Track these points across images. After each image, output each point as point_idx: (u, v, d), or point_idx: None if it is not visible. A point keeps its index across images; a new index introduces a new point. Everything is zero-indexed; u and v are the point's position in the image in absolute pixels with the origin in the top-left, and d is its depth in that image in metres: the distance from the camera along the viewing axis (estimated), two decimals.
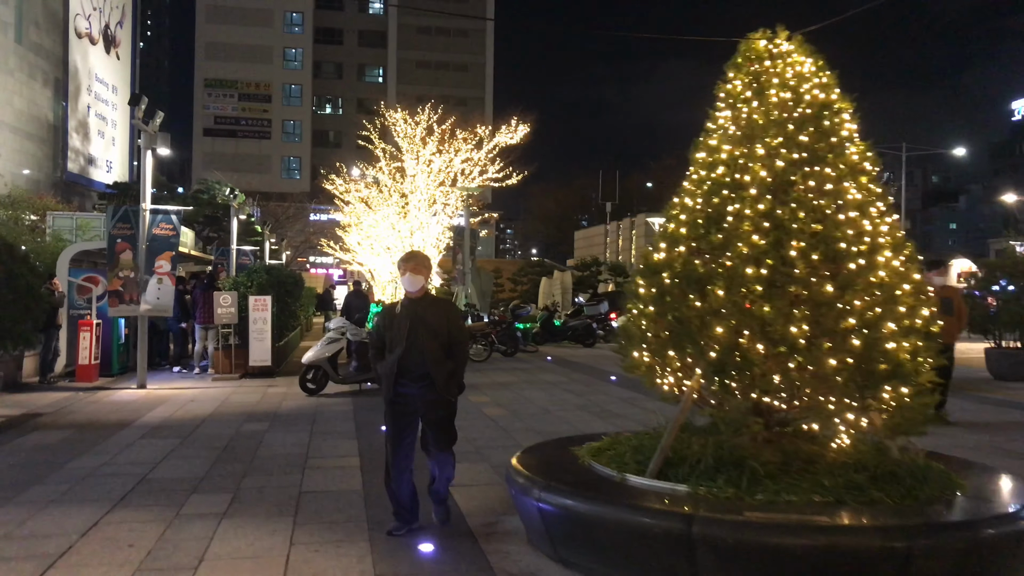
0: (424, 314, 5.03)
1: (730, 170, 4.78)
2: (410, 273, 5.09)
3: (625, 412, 10.37)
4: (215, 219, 36.81)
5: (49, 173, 35.22)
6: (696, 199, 4.89)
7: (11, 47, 32.35)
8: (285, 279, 15.79)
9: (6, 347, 10.22)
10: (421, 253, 5.53)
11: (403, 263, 5.16)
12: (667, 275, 4.78)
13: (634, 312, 5.07)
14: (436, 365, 4.97)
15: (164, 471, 6.94)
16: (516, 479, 4.89)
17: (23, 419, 9.68)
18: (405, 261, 5.17)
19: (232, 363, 14.15)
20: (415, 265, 5.12)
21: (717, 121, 5.07)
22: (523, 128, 23.17)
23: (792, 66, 4.92)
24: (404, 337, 4.96)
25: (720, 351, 4.45)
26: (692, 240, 4.77)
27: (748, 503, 4.14)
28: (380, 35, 71.36)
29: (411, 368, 4.97)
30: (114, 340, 14.18)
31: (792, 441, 4.69)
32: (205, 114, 65.45)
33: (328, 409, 10.67)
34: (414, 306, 5.07)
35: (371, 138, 25.93)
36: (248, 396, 11.86)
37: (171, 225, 13.21)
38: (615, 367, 16.22)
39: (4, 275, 9.89)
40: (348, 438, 8.56)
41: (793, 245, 4.44)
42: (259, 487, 6.38)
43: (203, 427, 9.18)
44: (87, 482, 6.53)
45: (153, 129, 13.15)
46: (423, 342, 4.95)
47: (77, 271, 14.40)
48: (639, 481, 4.58)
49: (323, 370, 12.04)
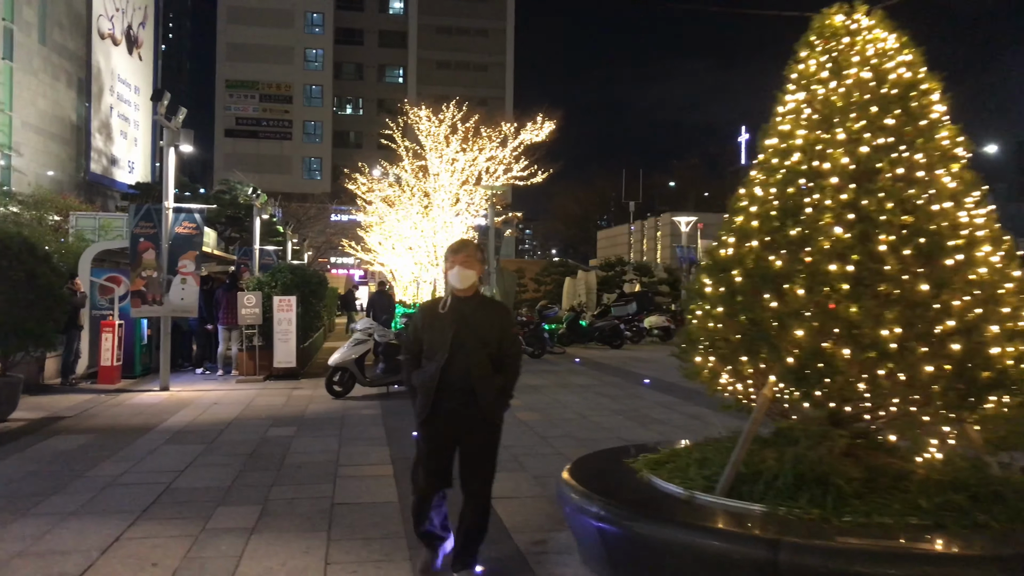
0: (472, 317, 4.18)
1: (806, 157, 4.36)
2: (459, 267, 4.21)
3: (666, 418, 9.93)
4: (237, 219, 36.69)
5: (72, 174, 35.28)
6: (768, 189, 4.47)
7: (35, 48, 32.41)
8: (310, 279, 15.48)
9: (27, 349, 9.95)
10: (472, 242, 4.57)
11: (451, 254, 4.29)
12: (737, 272, 4.36)
13: (698, 313, 4.65)
14: (482, 380, 4.13)
15: (189, 480, 6.60)
16: (570, 495, 4.49)
17: (44, 423, 9.40)
18: (454, 252, 4.29)
19: (256, 365, 13.84)
20: (466, 257, 4.24)
21: (787, 105, 4.65)
22: (549, 125, 22.75)
23: (873, 43, 4.48)
24: (448, 343, 4.10)
25: (800, 356, 4.03)
26: (765, 234, 4.35)
27: (836, 526, 3.72)
28: (400, 35, 71.22)
29: (452, 381, 4.11)
30: (136, 341, 13.93)
31: (876, 455, 4.26)
32: (226, 115, 65.61)
33: (356, 413, 10.31)
34: (461, 307, 4.21)
35: (394, 137, 25.63)
36: (273, 399, 11.54)
37: (194, 224, 12.92)
38: (647, 369, 15.88)
39: (25, 275, 9.63)
40: (379, 444, 8.20)
41: (881, 239, 4.01)
42: (289, 498, 6.02)
43: (228, 432, 8.85)
44: (109, 492, 6.20)
45: (176, 126, 12.87)
46: (469, 351, 4.12)
47: (99, 271, 14.15)
48: (709, 499, 4.16)
49: (350, 372, 11.70)
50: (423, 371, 4.21)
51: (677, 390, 12.43)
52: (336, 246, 50.12)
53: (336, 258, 57.38)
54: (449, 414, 4.15)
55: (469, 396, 4.12)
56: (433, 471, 4.24)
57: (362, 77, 71.60)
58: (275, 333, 13.72)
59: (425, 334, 4.26)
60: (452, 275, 4.27)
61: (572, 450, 7.76)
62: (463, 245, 4.40)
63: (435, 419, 4.17)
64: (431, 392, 4.13)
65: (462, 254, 4.27)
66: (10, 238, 9.83)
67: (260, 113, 66.27)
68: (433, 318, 4.27)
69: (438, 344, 4.16)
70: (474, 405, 4.13)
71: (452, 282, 4.29)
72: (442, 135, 23.46)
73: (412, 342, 4.36)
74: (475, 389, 4.12)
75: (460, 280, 4.25)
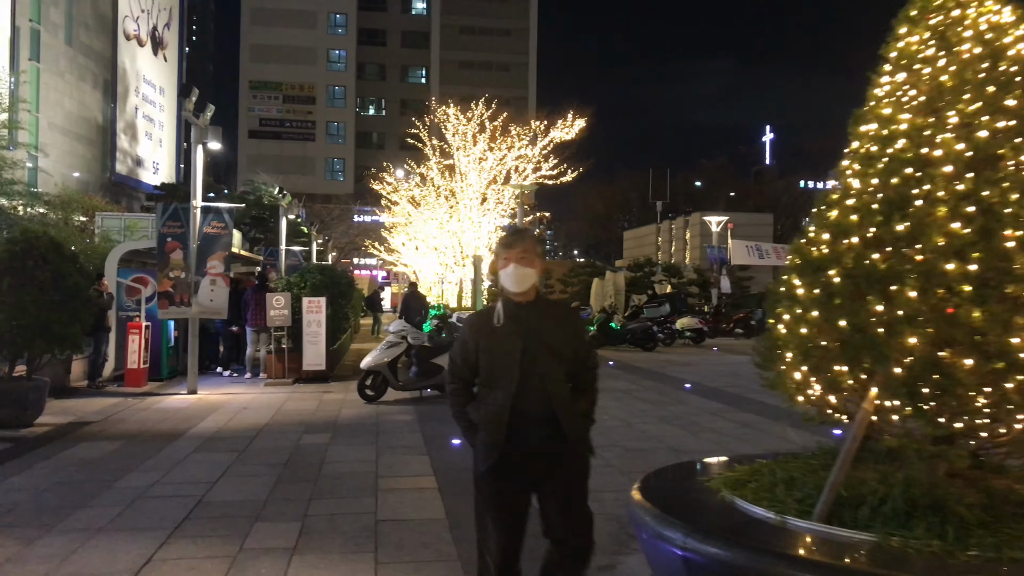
0: (540, 327, 3.33)
1: (912, 144, 3.89)
2: (515, 265, 3.32)
3: (716, 425, 9.47)
4: (261, 220, 36.58)
5: (98, 175, 35.30)
6: (868, 180, 4.01)
7: (61, 49, 32.44)
8: (339, 279, 15.14)
9: (53, 351, 9.67)
10: (530, 232, 3.70)
11: (504, 249, 3.40)
12: (835, 272, 3.91)
13: (786, 318, 4.20)
14: (565, 404, 3.31)
15: (222, 492, 6.24)
16: (644, 519, 4.05)
17: (70, 428, 9.10)
18: (507, 246, 3.39)
19: (285, 367, 13.53)
20: (522, 252, 3.35)
21: (886, 87, 4.19)
22: (579, 122, 22.30)
23: (985, 15, 4.02)
24: (516, 364, 3.25)
25: (912, 366, 3.58)
26: (867, 229, 3.89)
27: (962, 561, 3.27)
28: (423, 35, 71.06)
29: (527, 412, 3.26)
30: (163, 343, 13.65)
31: (996, 479, 3.80)
32: (250, 116, 65.74)
33: (390, 419, 9.94)
34: (523, 316, 3.34)
35: (420, 136, 25.32)
36: (304, 403, 11.20)
37: (223, 223, 12.61)
38: (685, 373, 15.37)
39: (51, 276, 9.34)
40: (418, 453, 7.81)
41: (1007, 234, 3.54)
42: (330, 514, 5.63)
43: (260, 439, 8.50)
44: (138, 505, 5.85)
45: (204, 123, 12.58)
46: (544, 370, 3.28)
47: (126, 271, 13.89)
48: (806, 526, 3.71)
49: (382, 376, 11.34)
50: (485, 404, 3.35)
51: (721, 395, 11.97)
52: (359, 247, 50.04)
53: (359, 259, 57.30)
54: (528, 455, 3.30)
55: (552, 428, 3.29)
56: (512, 534, 3.35)
57: (385, 78, 71.52)
58: (304, 335, 13.40)
59: (480, 356, 3.38)
60: (506, 275, 3.37)
61: (623, 461, 7.34)
62: (519, 236, 3.48)
63: (509, 464, 3.28)
64: (501, 429, 3.25)
65: (518, 248, 3.36)
66: (36, 238, 9.54)
67: (283, 114, 66.35)
68: (488, 335, 3.37)
69: (502, 367, 3.30)
70: (560, 438, 3.30)
71: (506, 284, 3.38)
72: (470, 133, 23.09)
73: (462, 367, 3.45)
74: (559, 418, 3.28)
75: (517, 281, 3.35)
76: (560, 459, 3.34)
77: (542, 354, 3.31)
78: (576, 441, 3.36)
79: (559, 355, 3.35)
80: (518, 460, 3.28)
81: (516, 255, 3.36)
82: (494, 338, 3.36)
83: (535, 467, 3.32)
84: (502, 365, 3.31)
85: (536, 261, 3.39)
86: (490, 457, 3.28)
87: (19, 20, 28.20)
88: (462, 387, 3.49)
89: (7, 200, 15.92)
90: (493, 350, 3.35)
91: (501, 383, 3.30)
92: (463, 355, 3.45)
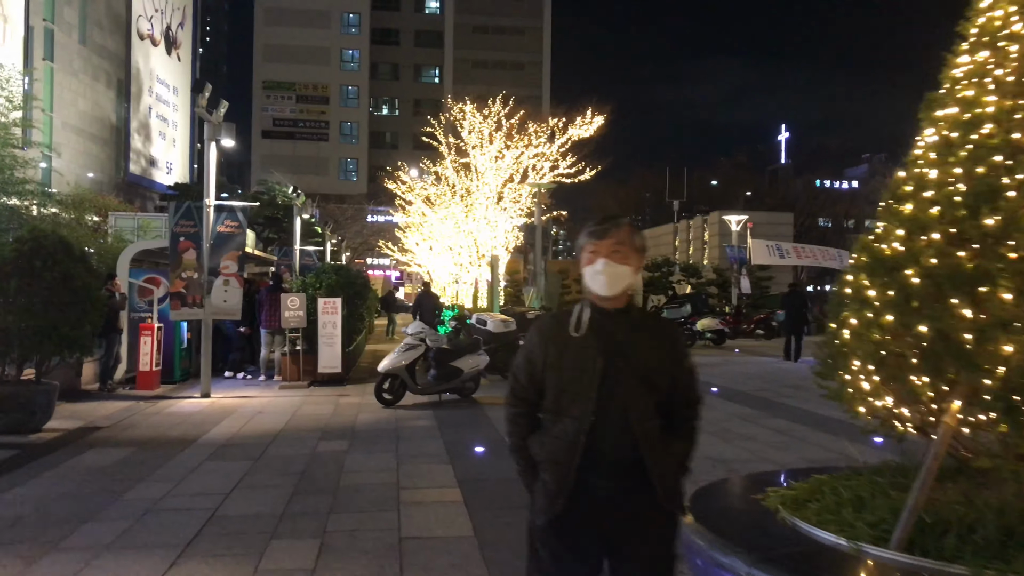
0: (629, 344, 2.55)
1: (1001, 128, 3.51)
2: (606, 261, 2.53)
3: (750, 432, 9.06)
4: (275, 220, 36.39)
5: (111, 175, 35.18)
6: (948, 169, 3.62)
7: (75, 48, 32.31)
8: (355, 280, 14.82)
9: (62, 354, 9.38)
10: (625, 219, 2.71)
11: (592, 240, 2.58)
12: (913, 272, 3.52)
13: (852, 322, 3.81)
14: (654, 446, 2.53)
15: (236, 505, 5.91)
16: (699, 543, 3.68)
17: (79, 434, 8.81)
18: (595, 236, 2.58)
19: (300, 370, 13.21)
20: (615, 244, 2.56)
21: (965, 67, 3.80)
22: (598, 119, 21.91)
23: None
24: (593, 387, 2.50)
25: (1008, 376, 3.19)
26: (949, 224, 3.50)
27: None
28: (436, 35, 70.82)
29: (605, 450, 2.50)
30: (176, 345, 13.36)
31: None
32: (263, 116, 65.68)
33: (409, 424, 9.60)
34: (609, 327, 2.56)
35: (435, 134, 25.01)
36: (320, 407, 10.87)
37: (237, 222, 12.31)
38: (709, 376, 14.90)
39: (60, 276, 9.04)
40: (440, 462, 7.45)
41: None
42: (350, 530, 5.28)
43: (275, 446, 8.17)
44: (148, 520, 5.52)
45: (217, 119, 12.28)
46: (628, 399, 2.51)
47: (138, 271, 13.61)
48: (886, 556, 3.32)
49: (400, 379, 11.00)
50: (550, 436, 2.59)
51: (750, 400, 11.58)
52: (373, 247, 49.84)
53: (372, 259, 57.11)
54: (602, 508, 2.54)
55: (635, 475, 2.52)
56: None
57: (398, 77, 71.32)
58: (319, 337, 13.07)
59: (549, 373, 2.60)
60: (592, 274, 2.56)
61: None
62: (612, 224, 2.63)
63: (576, 518, 2.54)
64: (569, 472, 2.51)
65: (610, 239, 2.56)
66: (44, 237, 9.25)
67: (297, 114, 66.26)
68: (562, 346, 2.58)
69: (575, 390, 2.53)
70: (644, 489, 2.53)
71: (592, 286, 2.58)
72: (487, 131, 22.76)
73: (526, 385, 2.68)
74: (646, 462, 2.51)
75: (607, 282, 2.54)
76: (643, 516, 2.58)
77: (628, 378, 2.52)
78: (665, 494, 2.57)
79: (651, 381, 2.57)
80: (588, 514, 2.54)
81: (607, 248, 2.55)
82: (568, 351, 2.57)
83: (610, 524, 2.56)
84: (575, 387, 2.54)
85: (633, 257, 2.59)
86: (552, 507, 2.54)
87: (33, 20, 28.05)
88: (524, 411, 2.71)
89: (19, 200, 15.71)
90: (565, 366, 2.56)
91: (572, 411, 2.53)
92: (528, 370, 2.68)
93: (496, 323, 13.82)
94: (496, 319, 14.06)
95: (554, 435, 2.57)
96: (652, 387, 2.57)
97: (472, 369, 11.40)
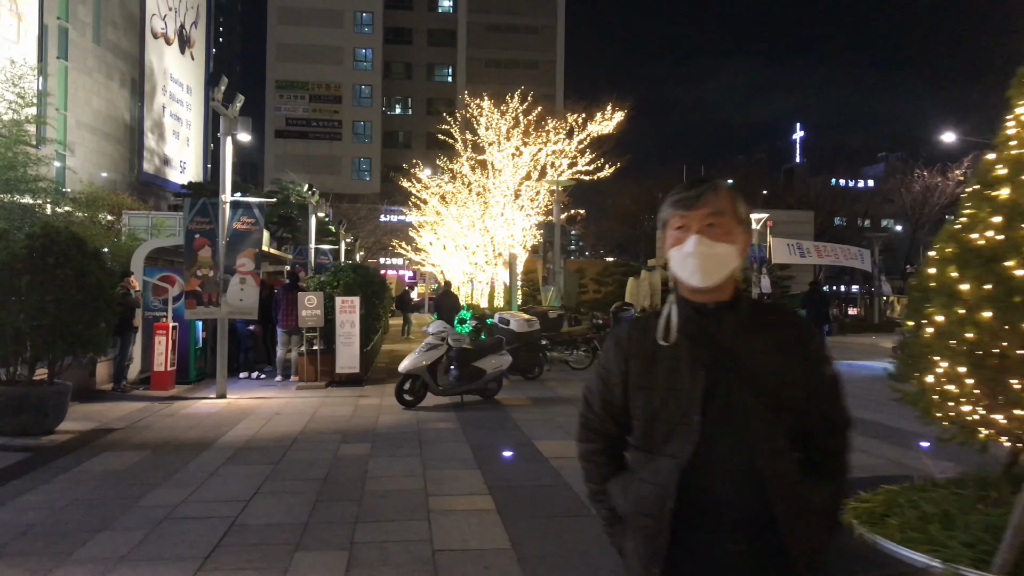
0: (742, 351, 1.87)
1: None
2: (699, 238, 1.85)
3: None
4: (288, 219, 36.21)
5: (125, 174, 35.08)
6: None
7: (89, 47, 32.21)
8: (372, 278, 14.51)
9: (75, 353, 9.11)
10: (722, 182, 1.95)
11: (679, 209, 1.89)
12: (1015, 263, 3.17)
13: (938, 319, 3.46)
14: (789, 492, 1.80)
15: (257, 513, 5.59)
16: None
17: (93, 436, 8.53)
18: (684, 206, 1.88)
19: (317, 370, 12.92)
20: (712, 214, 1.86)
21: None
22: (618, 115, 21.54)
23: None
24: (696, 411, 1.83)
25: None
26: None
27: None
28: (449, 34, 70.55)
29: (715, 499, 1.81)
30: (191, 345, 13.08)
31: None
32: (276, 116, 65.56)
33: (432, 426, 9.28)
34: (713, 329, 1.89)
35: (451, 132, 24.70)
36: (339, 409, 10.57)
37: (253, 219, 12.02)
38: None
39: (73, 273, 8.76)
40: (467, 467, 7.12)
41: None
42: (379, 541, 4.96)
43: (294, 449, 7.87)
44: (165, 528, 5.22)
45: (233, 113, 12.01)
46: (748, 426, 1.82)
47: (152, 270, 13.34)
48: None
49: (421, 380, 10.68)
50: (638, 478, 1.91)
51: None
52: (386, 246, 49.64)
53: (385, 259, 56.92)
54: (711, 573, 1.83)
55: (760, 533, 1.80)
56: None
57: (411, 76, 71.08)
58: (337, 336, 12.76)
59: (633, 396, 1.93)
60: (681, 258, 1.87)
61: None
62: (706, 188, 1.88)
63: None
64: (663, 527, 1.83)
65: (704, 208, 1.86)
66: (57, 232, 8.98)
67: (310, 114, 66.10)
68: (648, 359, 1.91)
69: (672, 416, 1.85)
70: (774, 554, 1.80)
71: (681, 273, 1.88)
72: (504, 128, 22.43)
73: (601, 413, 2.02)
74: (776, 515, 1.79)
75: (701, 269, 1.85)
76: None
77: (745, 397, 1.82)
78: (806, 562, 1.81)
79: (777, 400, 1.83)
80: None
81: (700, 220, 1.84)
82: (658, 366, 1.88)
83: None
84: (670, 414, 1.85)
85: (736, 231, 1.87)
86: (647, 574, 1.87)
87: (47, 18, 27.95)
88: (601, 448, 2.03)
89: (32, 198, 15.52)
90: (655, 386, 1.88)
91: (667, 446, 1.85)
92: (603, 394, 2.00)
93: (519, 322, 13.48)
94: (520, 318, 13.72)
95: (643, 479, 1.88)
96: (779, 408, 1.82)
97: (495, 370, 11.07)
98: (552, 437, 8.48)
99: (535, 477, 6.72)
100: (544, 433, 8.75)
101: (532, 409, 10.59)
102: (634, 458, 1.96)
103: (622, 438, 2.01)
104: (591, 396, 2.06)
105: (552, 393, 12.17)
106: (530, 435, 8.63)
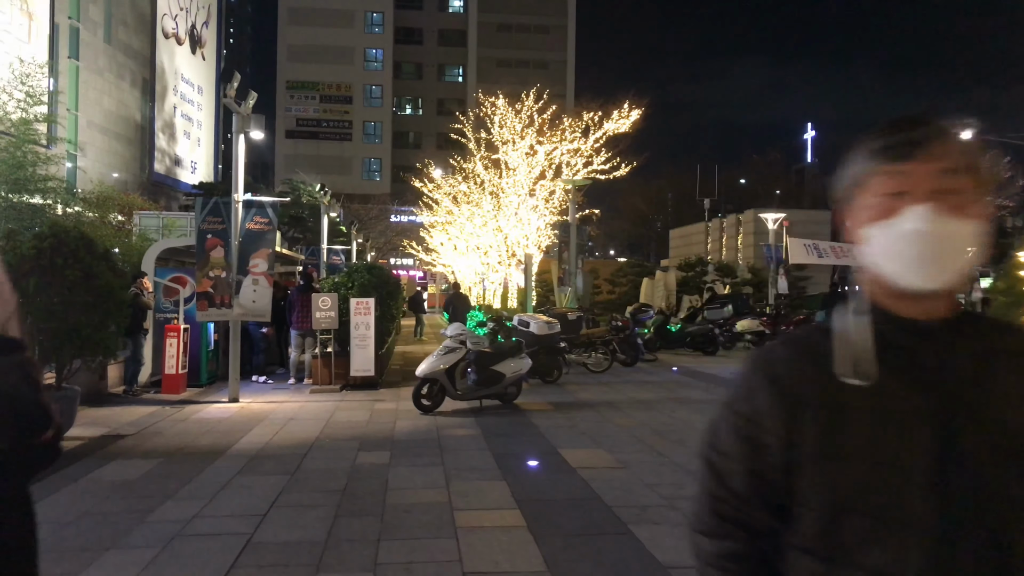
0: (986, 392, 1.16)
1: None
2: (926, 209, 1.14)
3: None
4: (299, 219, 36.02)
5: (136, 174, 34.93)
6: None
7: (100, 47, 32.06)
8: (387, 279, 14.21)
9: (84, 357, 8.83)
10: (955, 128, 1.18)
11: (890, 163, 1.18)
12: None
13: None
14: None
15: (274, 530, 5.27)
16: None
17: (102, 442, 8.24)
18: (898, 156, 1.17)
19: (332, 373, 12.62)
20: (947, 172, 1.15)
21: None
22: (635, 112, 21.19)
23: None
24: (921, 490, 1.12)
25: None
26: None
27: None
28: (460, 34, 70.32)
29: None
30: (203, 347, 12.80)
31: None
32: (287, 116, 65.42)
33: (452, 433, 8.95)
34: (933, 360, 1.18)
35: (463, 131, 24.41)
36: (354, 414, 10.26)
37: (267, 219, 11.72)
38: None
39: (82, 274, 8.49)
40: (492, 477, 6.79)
41: None
42: (405, 563, 4.63)
43: (311, 458, 7.55)
44: (176, 546, 4.91)
45: (246, 111, 11.73)
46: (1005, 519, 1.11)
47: (163, 271, 13.08)
48: None
49: (439, 384, 10.36)
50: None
51: None
52: (397, 247, 49.41)
53: (396, 259, 56.70)
54: None
55: None
56: None
57: (421, 77, 70.86)
58: (352, 339, 12.45)
59: (809, 468, 1.20)
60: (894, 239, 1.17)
61: None
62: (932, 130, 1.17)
63: None
64: None
65: (932, 161, 1.16)
66: (65, 232, 8.70)
67: (320, 114, 65.94)
68: (833, 409, 1.19)
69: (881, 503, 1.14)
70: None
71: (890, 265, 1.18)
72: (519, 126, 22.12)
73: (745, 493, 1.27)
74: None
75: (932, 257, 1.15)
76: None
77: (1002, 474, 1.13)
78: None
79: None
80: None
81: (929, 178, 1.17)
82: (849, 420, 1.18)
83: None
84: (875, 500, 1.15)
85: (977, 199, 1.18)
86: None
87: (58, 17, 27.78)
88: (745, 551, 1.29)
89: (42, 198, 15.29)
90: (847, 454, 1.17)
91: (868, 553, 1.15)
92: (748, 460, 1.27)
93: (540, 324, 13.13)
94: (540, 320, 13.37)
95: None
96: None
97: (514, 373, 10.73)
98: (577, 446, 8.15)
99: (565, 490, 6.38)
100: (569, 441, 8.41)
101: (554, 414, 10.25)
102: (799, 569, 1.22)
103: (774, 534, 1.26)
104: (723, 463, 1.29)
105: (572, 397, 11.83)
106: (555, 443, 8.29)
